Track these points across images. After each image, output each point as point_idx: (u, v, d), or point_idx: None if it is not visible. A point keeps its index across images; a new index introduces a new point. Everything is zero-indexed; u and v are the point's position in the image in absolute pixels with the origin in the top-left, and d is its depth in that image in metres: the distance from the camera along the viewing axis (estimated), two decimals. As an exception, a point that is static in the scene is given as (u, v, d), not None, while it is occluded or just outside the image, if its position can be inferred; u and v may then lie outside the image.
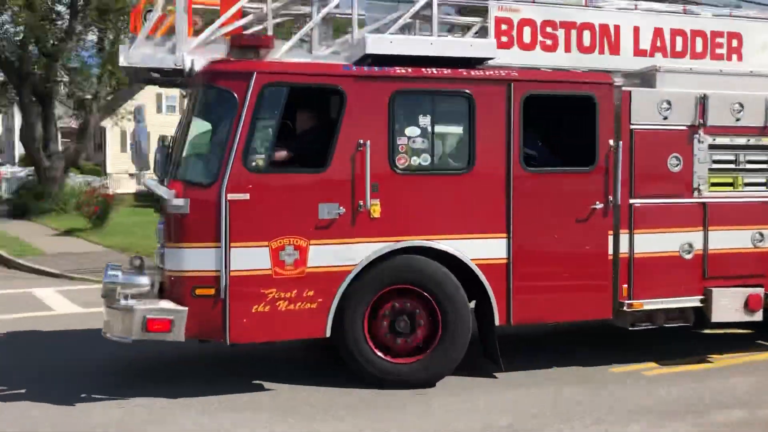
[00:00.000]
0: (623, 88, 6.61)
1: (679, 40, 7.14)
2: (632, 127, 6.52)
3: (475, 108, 6.19)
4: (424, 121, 6.18)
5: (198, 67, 5.89)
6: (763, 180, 6.87)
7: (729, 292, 6.66)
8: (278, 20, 6.93)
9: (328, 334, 5.90)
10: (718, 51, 7.18)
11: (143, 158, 5.77)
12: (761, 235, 6.77)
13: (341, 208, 5.92)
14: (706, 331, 7.63)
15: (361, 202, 5.91)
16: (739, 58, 7.18)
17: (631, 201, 6.50)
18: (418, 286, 6.02)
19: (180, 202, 5.64)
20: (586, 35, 6.98)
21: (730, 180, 6.81)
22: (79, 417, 5.40)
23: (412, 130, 6.13)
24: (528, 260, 6.31)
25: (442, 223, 6.14)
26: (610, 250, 6.47)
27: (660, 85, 6.74)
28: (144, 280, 5.91)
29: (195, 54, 5.94)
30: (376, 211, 5.98)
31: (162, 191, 5.73)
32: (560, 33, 6.93)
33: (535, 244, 6.34)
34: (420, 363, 6.02)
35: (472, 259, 6.13)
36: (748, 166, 6.82)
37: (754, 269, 6.77)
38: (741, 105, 6.73)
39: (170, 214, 5.79)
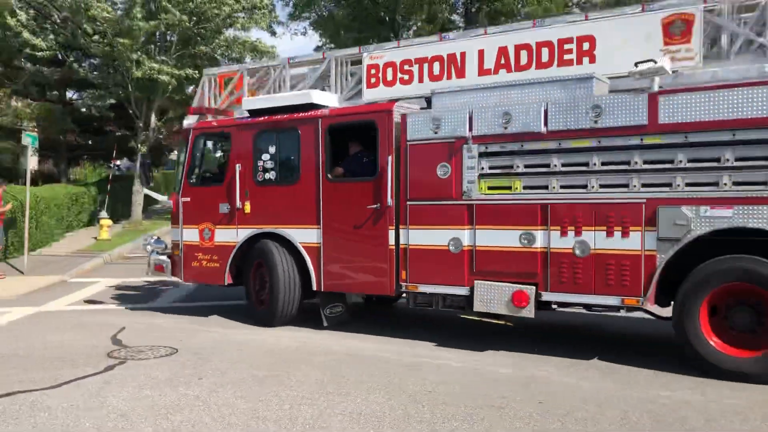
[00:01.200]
0: (401, 112, 8.10)
1: (524, 54, 8.09)
2: (408, 142, 7.93)
3: (300, 139, 8.85)
4: (272, 149, 9.17)
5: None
6: (542, 183, 7.19)
7: (495, 286, 7.36)
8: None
9: (225, 283, 9.52)
10: (567, 57, 7.86)
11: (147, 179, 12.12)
12: (531, 235, 7.17)
13: (230, 206, 9.44)
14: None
15: (239, 203, 9.30)
16: (592, 61, 7.76)
17: (408, 203, 7.96)
18: (263, 257, 9.14)
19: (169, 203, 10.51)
20: (436, 66, 8.77)
21: (508, 184, 7.38)
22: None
23: (265, 156, 9.20)
24: (332, 245, 8.63)
25: (283, 217, 9.01)
26: (391, 242, 8.08)
27: (435, 105, 7.96)
28: (161, 244, 10.61)
29: (189, 119, 10.52)
30: (247, 208, 9.31)
31: (157, 196, 12.10)
32: (415, 68, 8.95)
33: (337, 234, 8.59)
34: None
35: (299, 242, 8.86)
36: (525, 170, 7.28)
37: (524, 267, 7.22)
38: (508, 114, 7.29)
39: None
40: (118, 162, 30.72)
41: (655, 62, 6.83)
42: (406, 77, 9.02)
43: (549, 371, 6.77)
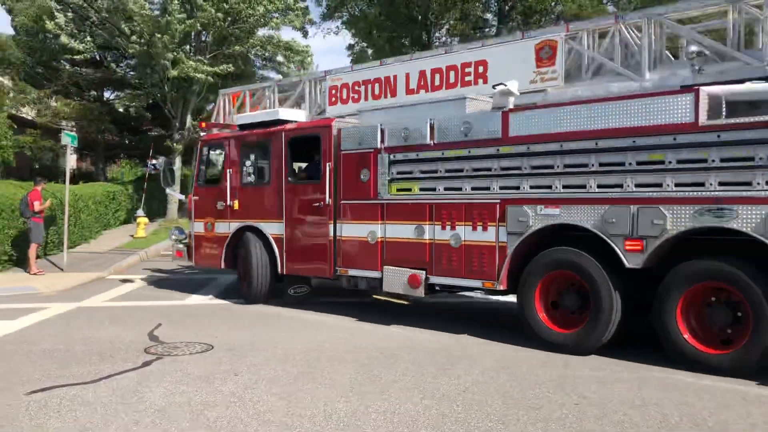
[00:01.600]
0: (338, 127, 9.69)
1: (437, 76, 9.50)
2: (341, 152, 9.55)
3: (270, 148, 10.65)
4: (252, 156, 11.09)
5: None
6: (431, 186, 8.62)
7: (396, 271, 8.88)
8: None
9: (222, 267, 11.46)
10: (467, 78, 9.18)
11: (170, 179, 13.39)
12: (422, 229, 8.65)
13: (224, 203, 11.28)
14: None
15: (230, 201, 11.18)
16: (485, 81, 8.97)
17: (341, 201, 9.60)
18: (244, 245, 10.97)
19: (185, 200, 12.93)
20: (377, 86, 10.36)
21: (409, 186, 8.84)
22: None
23: (247, 162, 11.12)
24: (290, 237, 10.35)
25: (259, 213, 10.81)
26: (331, 234, 9.72)
27: (362, 121, 9.59)
28: (183, 233, 12.47)
29: (202, 132, 12.61)
30: (236, 206, 11.17)
31: (177, 195, 15.13)
32: (362, 88, 10.53)
33: (294, 228, 10.30)
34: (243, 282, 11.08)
35: (270, 234, 10.62)
36: (420, 174, 8.72)
37: (417, 255, 8.67)
38: (407, 129, 8.78)
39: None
40: (154, 161, 31.15)
41: (506, 85, 7.97)
42: (356, 96, 10.72)
43: (583, 373, 6.70)
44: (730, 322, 6.56)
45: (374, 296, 11.43)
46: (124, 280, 13.73)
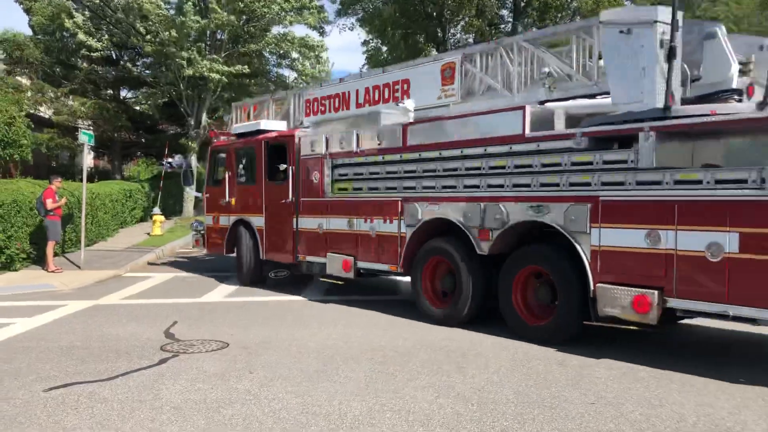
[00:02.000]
0: (300, 136, 11.54)
1: (377, 92, 10.73)
2: (301, 157, 11.39)
3: (255, 154, 12.58)
4: (244, 160, 13.02)
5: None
6: (359, 186, 10.28)
7: (335, 257, 10.54)
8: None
9: (225, 253, 13.42)
10: (396, 94, 10.34)
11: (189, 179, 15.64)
12: (352, 222, 10.26)
13: (225, 200, 13.17)
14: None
15: (229, 198, 13.11)
16: (408, 96, 10.12)
17: (301, 199, 11.34)
18: (237, 236, 12.99)
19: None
20: (336, 101, 11.64)
21: (346, 187, 10.58)
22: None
23: (240, 165, 13.11)
24: (269, 228, 12.16)
25: (248, 208, 12.69)
26: (294, 226, 11.50)
27: (313, 131, 11.64)
28: (201, 225, 14.45)
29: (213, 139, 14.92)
30: (233, 202, 13.10)
31: (194, 193, 17.79)
32: (327, 102, 11.83)
33: (271, 221, 12.10)
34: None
35: (255, 226, 12.48)
36: (353, 176, 10.44)
37: (349, 244, 10.35)
38: (342, 138, 10.52)
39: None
40: (170, 159, 31.32)
41: (404, 103, 9.89)
42: (323, 108, 11.97)
43: (599, 372, 6.65)
44: (550, 298, 7.83)
45: (320, 278, 12.98)
46: (141, 278, 13.82)
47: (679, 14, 6.88)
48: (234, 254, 13.19)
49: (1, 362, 7.06)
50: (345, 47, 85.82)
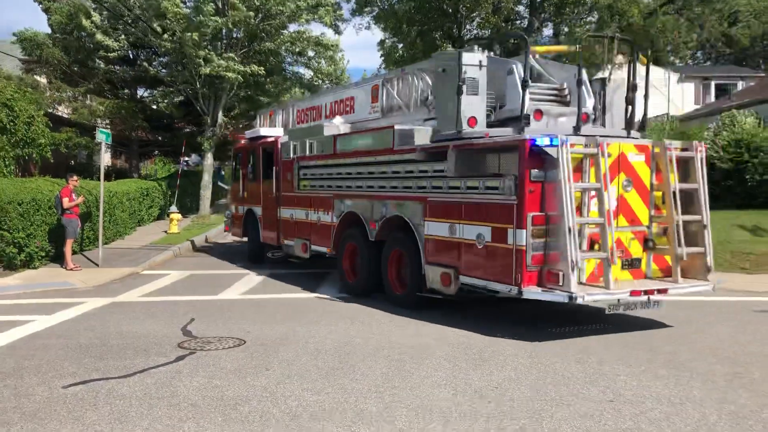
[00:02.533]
0: (281, 141, 14.11)
1: (340, 105, 12.90)
2: (282, 159, 13.89)
3: (256, 155, 15.28)
4: (251, 160, 15.59)
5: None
6: (313, 185, 12.56)
7: (299, 241, 12.99)
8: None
9: (241, 237, 16.49)
10: (346, 109, 12.61)
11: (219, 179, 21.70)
12: (307, 213, 12.76)
13: (241, 193, 16.22)
14: None
15: (242, 192, 16.19)
16: (353, 112, 12.38)
17: (282, 193, 13.88)
18: (247, 224, 15.98)
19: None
20: (314, 112, 14.12)
21: (307, 185, 12.82)
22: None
23: (249, 164, 15.69)
24: (264, 217, 14.83)
25: (254, 200, 15.35)
26: (278, 215, 14.02)
27: (290, 138, 13.67)
28: (231, 213, 17.45)
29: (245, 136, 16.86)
30: (245, 195, 15.99)
31: (225, 186, 20.51)
32: (309, 113, 14.36)
33: (266, 211, 14.72)
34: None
35: (257, 215, 15.19)
36: (310, 177, 12.72)
37: (306, 230, 12.79)
38: (305, 145, 12.73)
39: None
40: (186, 158, 31.49)
41: (334, 120, 12.41)
42: (306, 118, 14.48)
43: (618, 369, 6.60)
44: (408, 273, 9.95)
45: (289, 258, 15.06)
46: (158, 276, 13.89)
47: (483, 56, 8.98)
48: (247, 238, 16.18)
49: (21, 359, 7.13)
50: (364, 45, 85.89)
